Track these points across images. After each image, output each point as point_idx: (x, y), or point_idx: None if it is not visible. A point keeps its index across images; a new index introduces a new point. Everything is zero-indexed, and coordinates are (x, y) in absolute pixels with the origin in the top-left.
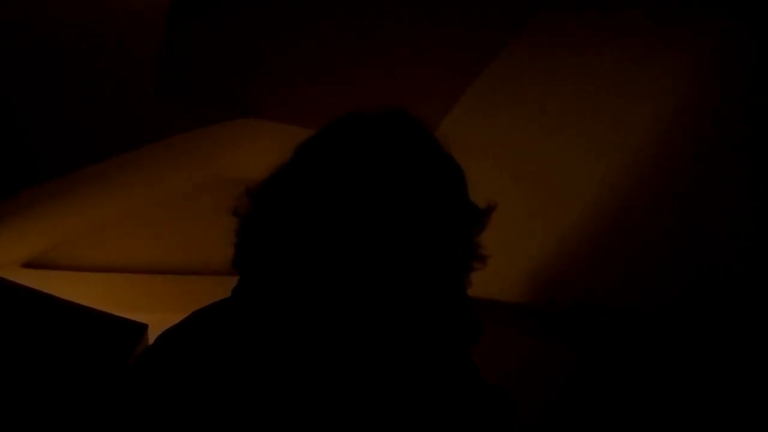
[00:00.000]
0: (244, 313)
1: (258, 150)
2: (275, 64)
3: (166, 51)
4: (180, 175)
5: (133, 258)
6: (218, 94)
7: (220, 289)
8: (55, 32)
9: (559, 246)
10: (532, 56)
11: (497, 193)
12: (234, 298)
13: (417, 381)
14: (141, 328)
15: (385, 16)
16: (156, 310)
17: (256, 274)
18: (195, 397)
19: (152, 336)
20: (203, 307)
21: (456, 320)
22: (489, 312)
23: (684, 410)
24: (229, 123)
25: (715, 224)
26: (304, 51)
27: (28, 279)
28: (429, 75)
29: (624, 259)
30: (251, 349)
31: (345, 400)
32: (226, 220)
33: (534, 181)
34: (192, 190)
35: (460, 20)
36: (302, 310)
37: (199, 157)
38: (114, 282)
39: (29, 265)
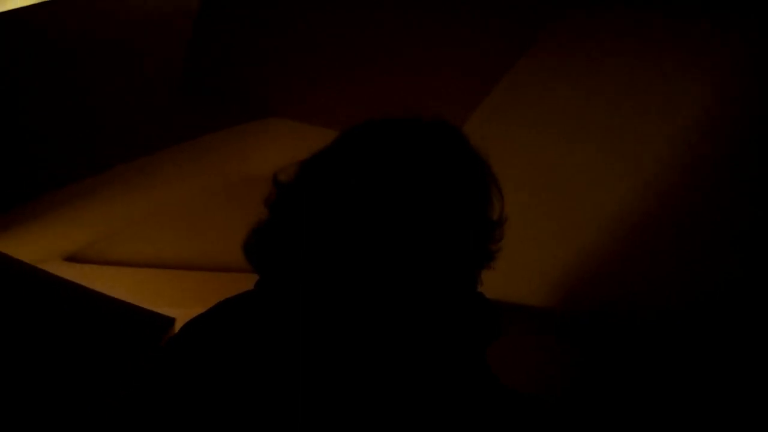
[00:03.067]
0: (266, 308)
1: (284, 149)
2: (300, 66)
3: (193, 53)
4: (210, 173)
5: (164, 254)
6: (244, 95)
7: (246, 285)
8: (88, 36)
9: (580, 251)
10: (552, 66)
11: (517, 202)
12: (257, 292)
13: (435, 383)
14: (169, 321)
15: (407, 20)
16: (185, 305)
17: (279, 270)
18: (212, 388)
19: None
20: (227, 298)
21: (472, 319)
22: (510, 315)
23: (693, 411)
24: (254, 123)
25: (735, 238)
26: (328, 54)
27: (69, 272)
28: (449, 80)
29: (645, 265)
30: (272, 343)
31: (362, 399)
32: (252, 217)
33: (554, 186)
34: (220, 187)
35: (479, 26)
36: (323, 310)
37: (226, 155)
38: (147, 277)
39: (70, 259)
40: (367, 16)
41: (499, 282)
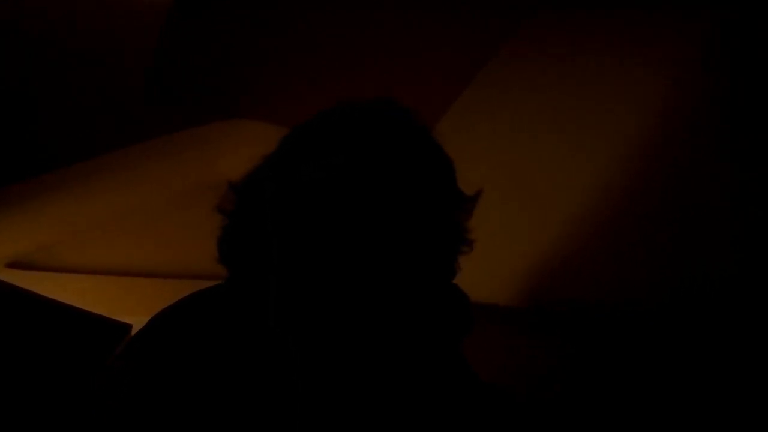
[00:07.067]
0: (236, 305)
1: (249, 152)
2: (269, 65)
3: (160, 50)
4: (169, 176)
5: (119, 260)
6: (210, 95)
7: None
8: (47, 27)
9: (549, 248)
10: (523, 61)
11: (488, 196)
12: (230, 285)
13: (409, 373)
14: (125, 328)
15: (378, 19)
16: (141, 313)
17: (245, 268)
18: (183, 386)
19: None
20: (198, 291)
21: (449, 311)
22: (480, 315)
23: (677, 410)
24: (221, 124)
25: (704, 224)
26: (298, 53)
27: (14, 279)
28: (422, 78)
29: (614, 260)
30: (250, 337)
31: (338, 394)
32: (214, 224)
33: (525, 183)
34: (181, 192)
35: (456, 25)
36: (292, 304)
37: (190, 158)
38: (99, 284)
39: (14, 265)
40: (341, 17)
41: (466, 281)
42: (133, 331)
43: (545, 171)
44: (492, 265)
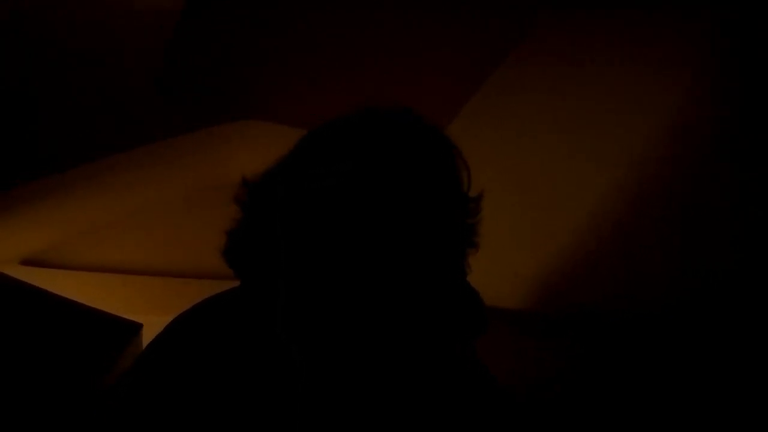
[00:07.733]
0: (247, 311)
1: (258, 153)
2: (279, 66)
3: (160, 50)
4: (180, 176)
5: (131, 259)
6: (220, 96)
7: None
8: (58, 29)
9: (560, 253)
10: (534, 67)
11: (499, 202)
12: (240, 292)
13: (415, 382)
14: (136, 327)
15: (389, 21)
16: (152, 312)
17: (253, 272)
18: (189, 393)
19: (146, 337)
20: (212, 296)
21: (460, 315)
22: (490, 317)
23: (681, 413)
24: (230, 125)
25: (714, 231)
26: (308, 54)
27: (27, 276)
28: (432, 82)
29: (624, 266)
30: (251, 346)
31: (340, 402)
32: (224, 223)
33: (535, 189)
34: (191, 191)
35: (463, 28)
36: (299, 310)
37: (200, 158)
38: (111, 282)
39: (28, 262)
40: (350, 19)
41: (477, 285)
42: (143, 331)
43: (553, 174)
44: (501, 269)
